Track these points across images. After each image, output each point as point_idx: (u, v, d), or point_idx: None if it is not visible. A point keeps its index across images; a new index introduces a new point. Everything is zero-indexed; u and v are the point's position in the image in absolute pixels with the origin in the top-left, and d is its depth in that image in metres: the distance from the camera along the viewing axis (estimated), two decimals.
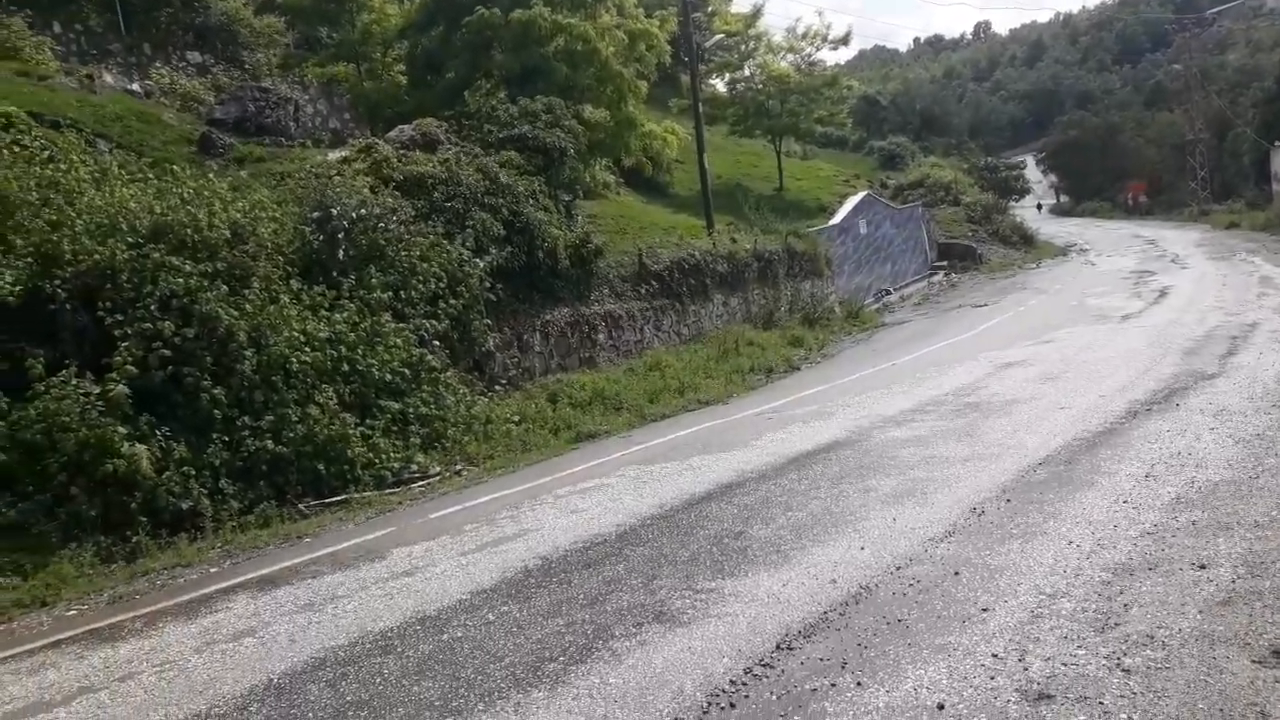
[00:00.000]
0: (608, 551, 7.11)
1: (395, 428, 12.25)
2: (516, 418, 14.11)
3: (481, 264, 15.45)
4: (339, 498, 10.74)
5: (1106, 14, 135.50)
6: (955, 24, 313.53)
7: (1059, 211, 71.24)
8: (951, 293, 31.63)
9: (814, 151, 53.27)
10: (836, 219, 32.06)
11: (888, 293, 32.32)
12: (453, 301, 14.39)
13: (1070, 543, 6.08)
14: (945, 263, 38.28)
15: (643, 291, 20.38)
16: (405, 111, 22.93)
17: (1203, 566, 5.38)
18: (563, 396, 15.64)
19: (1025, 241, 43.65)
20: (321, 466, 10.88)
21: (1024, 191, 61.08)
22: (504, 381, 16.09)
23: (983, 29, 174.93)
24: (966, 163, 58.40)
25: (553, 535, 7.75)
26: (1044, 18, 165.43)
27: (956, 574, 5.75)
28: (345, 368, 11.97)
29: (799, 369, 19.00)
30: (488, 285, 15.45)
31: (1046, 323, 19.64)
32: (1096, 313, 20.40)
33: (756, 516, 7.58)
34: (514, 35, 22.74)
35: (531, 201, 17.83)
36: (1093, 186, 69.19)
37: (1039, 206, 72.60)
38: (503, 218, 16.79)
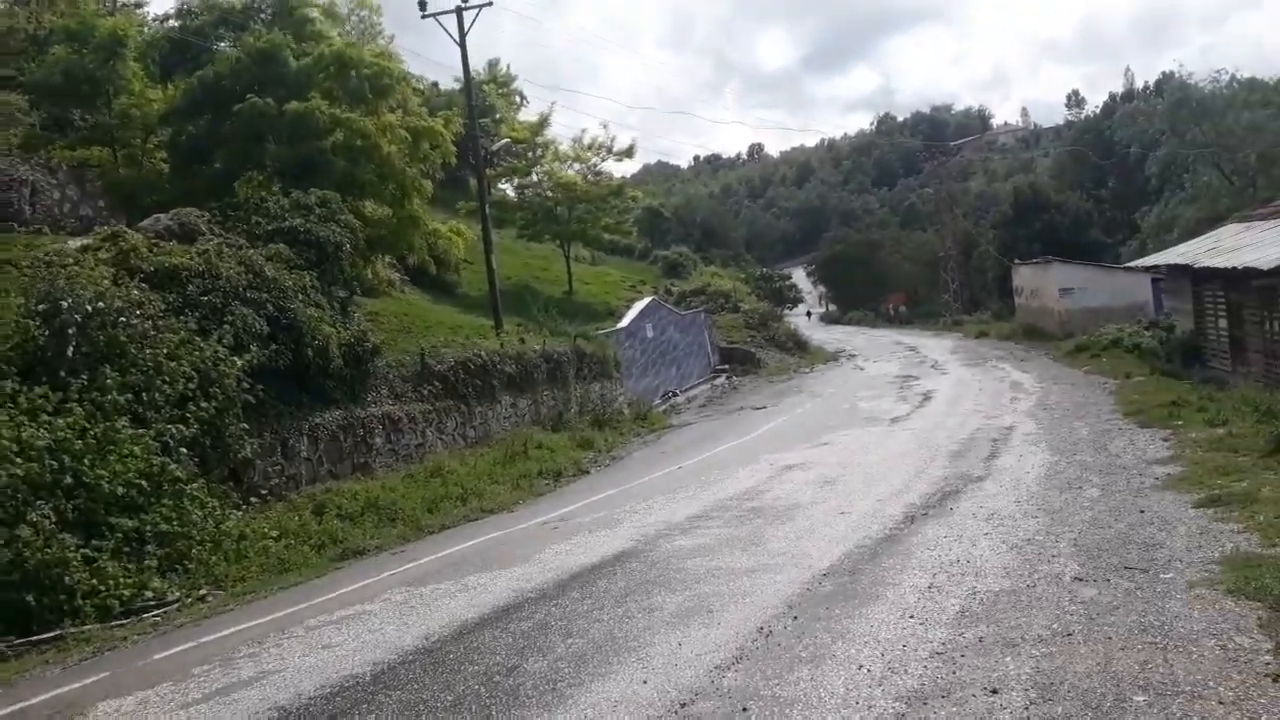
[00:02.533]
0: (359, 698, 6.16)
1: (128, 548, 10.72)
2: (275, 533, 12.78)
3: (240, 362, 14.11)
4: (52, 634, 9.14)
5: (865, 140, 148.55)
6: (731, 144, 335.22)
7: (828, 319, 75.83)
8: (734, 395, 32.38)
9: (602, 258, 54.28)
10: (624, 322, 32.33)
11: (674, 394, 32.69)
12: (205, 404, 12.98)
13: (860, 667, 5.76)
14: (727, 366, 39.34)
15: (425, 392, 19.41)
16: (166, 200, 21.21)
17: (995, 691, 5.16)
18: (331, 507, 14.38)
19: (799, 347, 45.76)
20: (31, 597, 9.26)
21: (796, 300, 64.62)
22: (265, 492, 14.66)
23: (756, 150, 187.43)
24: (744, 273, 61.24)
25: (296, 678, 6.70)
26: (811, 142, 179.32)
27: (745, 710, 5.26)
28: (68, 480, 10.41)
29: (589, 472, 18.53)
30: (246, 386, 14.11)
31: (823, 425, 20.21)
32: (868, 416, 21.24)
33: (534, 646, 6.87)
34: (289, 127, 21.73)
35: (301, 297, 16.69)
36: (858, 297, 74.26)
37: (808, 314, 77.00)
38: (267, 314, 15.56)
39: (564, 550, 10.25)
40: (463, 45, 25.83)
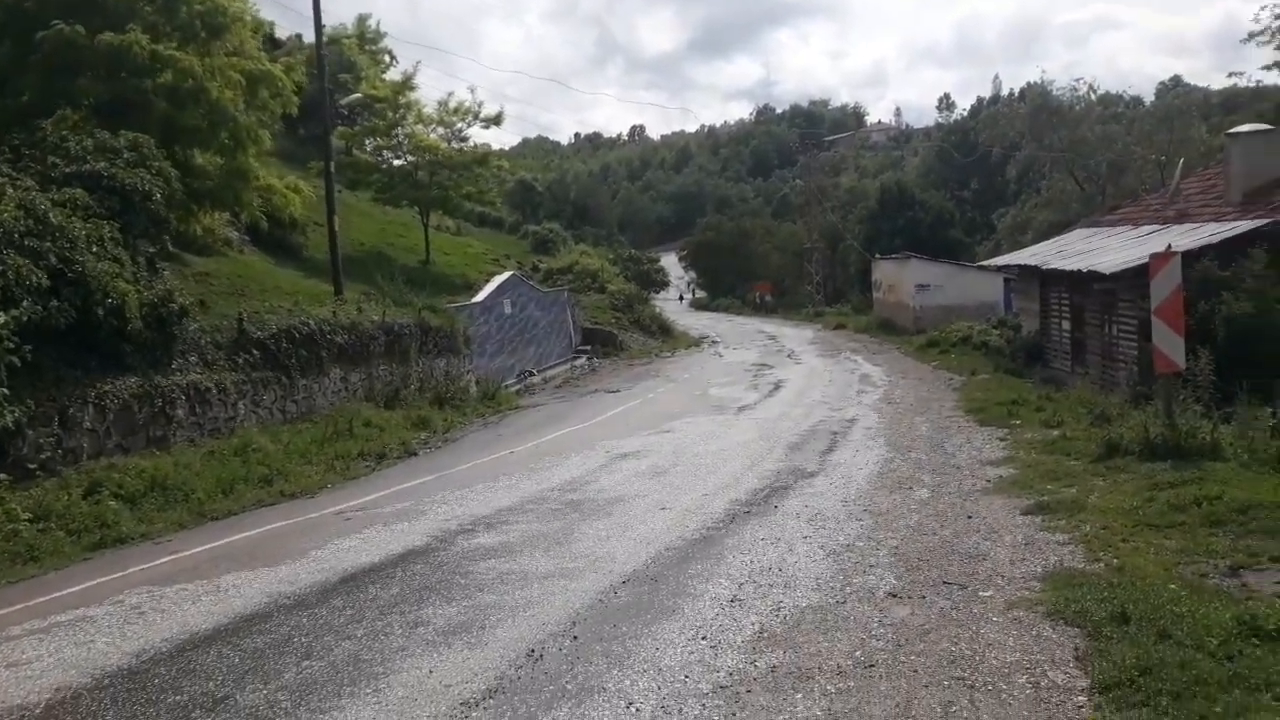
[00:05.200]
0: None
1: None
2: (29, 515, 11.12)
3: (4, 318, 12.29)
4: None
5: (744, 130, 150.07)
6: (613, 124, 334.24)
7: (698, 306, 75.90)
8: (591, 377, 31.54)
9: (469, 229, 52.45)
10: (480, 297, 30.98)
11: (531, 374, 31.58)
12: None
13: (630, 704, 4.87)
14: (589, 347, 38.48)
15: (240, 361, 17.68)
16: None
17: None
18: (108, 486, 12.68)
19: (663, 331, 45.29)
20: None
21: (663, 284, 64.22)
22: (33, 466, 12.85)
23: (637, 131, 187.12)
24: (613, 253, 60.45)
25: None
26: (691, 127, 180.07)
27: None
28: None
29: (416, 454, 17.25)
30: (12, 345, 12.31)
31: (669, 411, 19.52)
32: (716, 403, 20.67)
33: (260, 670, 5.73)
34: (103, 61, 19.48)
35: (96, 249, 14.82)
36: (726, 284, 74.48)
37: (680, 298, 76.96)
38: (49, 265, 13.67)
39: (348, 546, 9.08)
40: None
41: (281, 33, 48.17)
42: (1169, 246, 12.37)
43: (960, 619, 6.00)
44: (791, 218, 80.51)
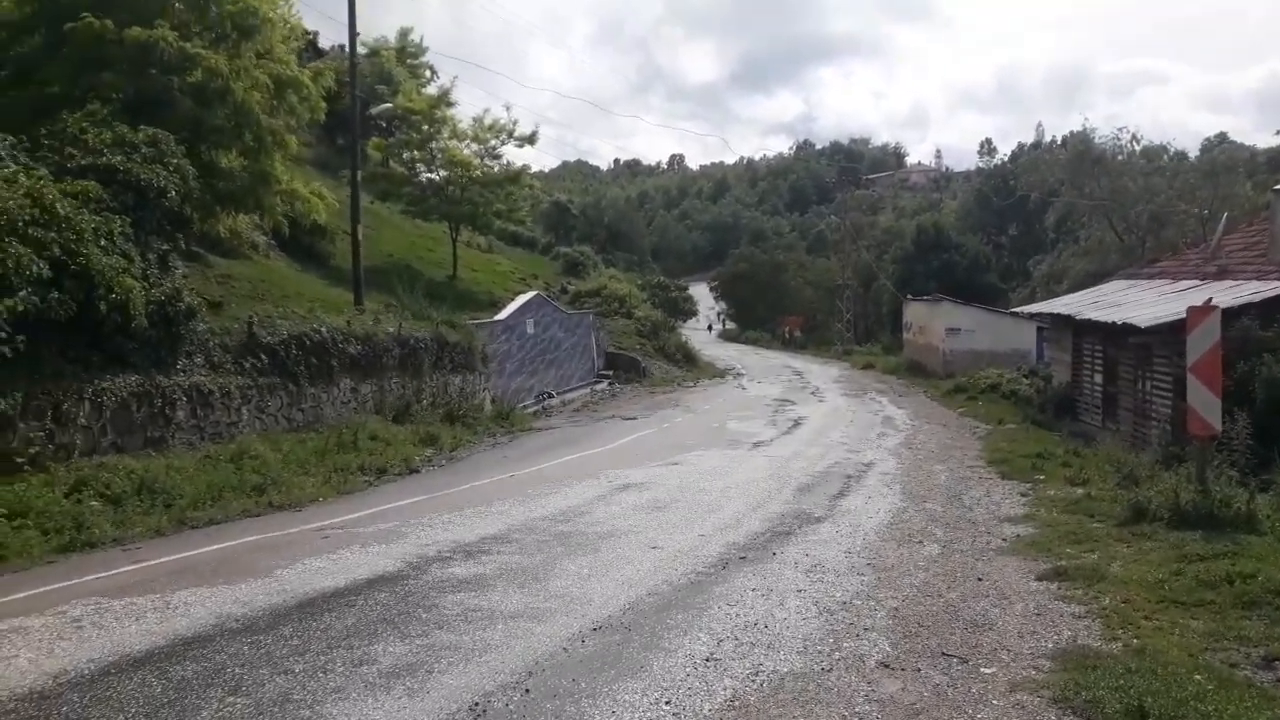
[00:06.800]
0: None
1: None
2: (6, 511, 10.78)
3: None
4: None
5: (783, 164, 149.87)
6: (653, 151, 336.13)
7: (727, 337, 75.30)
8: (610, 403, 31.04)
9: (500, 247, 52.33)
10: (503, 315, 30.64)
11: (550, 396, 31.17)
12: None
13: None
14: (611, 372, 38.04)
15: (247, 366, 17.38)
16: None
17: None
18: (93, 486, 12.34)
19: (688, 360, 44.76)
20: None
21: (691, 313, 63.76)
22: (22, 460, 12.53)
23: (677, 160, 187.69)
24: (643, 279, 60.11)
25: None
26: (730, 159, 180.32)
27: None
28: None
29: (418, 472, 16.82)
30: (4, 335, 12.04)
31: (682, 443, 18.94)
32: (732, 438, 20.06)
33: (178, 704, 5.23)
34: (130, 55, 19.43)
35: (103, 243, 14.59)
36: (757, 317, 73.86)
37: (710, 328, 76.43)
38: (51, 256, 13.43)
39: (317, 567, 8.59)
40: None
41: (325, 42, 48.62)
42: (1209, 300, 11.68)
43: (956, 700, 5.38)
44: (826, 254, 79.84)
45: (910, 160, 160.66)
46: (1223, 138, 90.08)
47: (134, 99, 19.93)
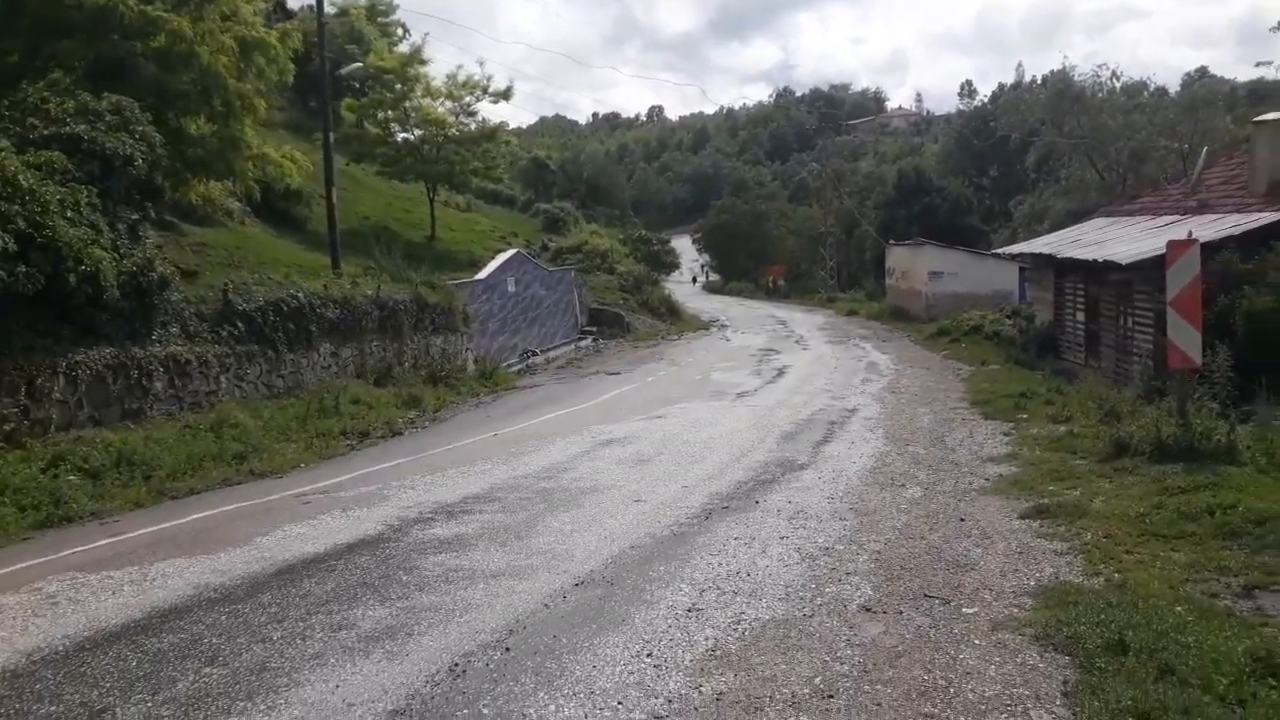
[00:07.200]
0: None
1: None
2: None
3: None
4: None
5: (763, 112, 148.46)
6: (631, 104, 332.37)
7: (710, 289, 74.99)
8: (595, 358, 30.94)
9: (479, 206, 51.79)
10: (483, 274, 30.38)
11: (534, 354, 31.05)
12: None
13: None
14: (595, 328, 37.89)
15: (224, 334, 17.16)
16: None
17: None
18: (71, 460, 12.18)
19: (672, 313, 44.62)
20: None
21: (674, 266, 63.39)
22: None
23: (656, 112, 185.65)
24: (624, 234, 59.66)
25: None
26: (710, 109, 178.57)
27: None
28: None
29: (401, 434, 16.70)
30: None
31: (666, 396, 18.89)
32: (715, 389, 20.02)
33: (153, 676, 5.17)
34: (89, 22, 18.92)
35: (70, 214, 14.29)
36: (740, 267, 73.52)
37: (694, 281, 76.10)
38: (16, 229, 13.14)
39: (297, 533, 8.52)
40: None
41: (294, 3, 47.57)
42: (1189, 234, 11.61)
43: (938, 640, 5.37)
44: (808, 202, 79.30)
45: (891, 105, 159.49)
46: (1203, 72, 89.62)
47: (96, 66, 19.46)
